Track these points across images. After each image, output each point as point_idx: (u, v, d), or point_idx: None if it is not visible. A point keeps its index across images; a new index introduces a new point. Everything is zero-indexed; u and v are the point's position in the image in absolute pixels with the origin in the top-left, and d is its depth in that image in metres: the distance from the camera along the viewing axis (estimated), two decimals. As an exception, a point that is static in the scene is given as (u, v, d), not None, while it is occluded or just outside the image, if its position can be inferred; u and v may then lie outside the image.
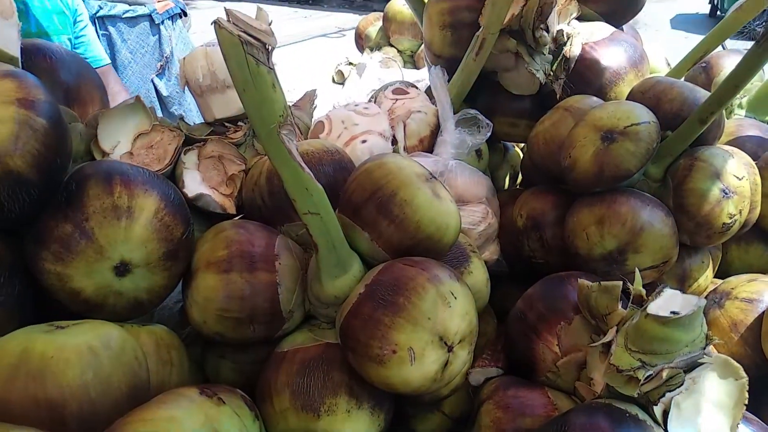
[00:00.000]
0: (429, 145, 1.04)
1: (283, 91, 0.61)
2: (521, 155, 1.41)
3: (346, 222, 0.75)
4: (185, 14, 3.38)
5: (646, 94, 0.93)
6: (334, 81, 2.08)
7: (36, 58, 0.79)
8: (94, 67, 1.45)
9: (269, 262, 0.73)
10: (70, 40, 1.97)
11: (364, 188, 0.75)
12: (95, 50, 2.10)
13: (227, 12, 0.56)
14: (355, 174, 0.78)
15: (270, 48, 0.57)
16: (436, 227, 0.73)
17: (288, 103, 0.65)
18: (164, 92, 3.66)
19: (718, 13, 11.19)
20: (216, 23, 0.55)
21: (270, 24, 0.58)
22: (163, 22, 3.23)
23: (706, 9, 12.39)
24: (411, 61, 2.02)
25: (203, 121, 0.93)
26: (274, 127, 0.61)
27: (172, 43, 3.31)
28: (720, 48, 1.26)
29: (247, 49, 0.56)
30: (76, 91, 0.82)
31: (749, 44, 0.87)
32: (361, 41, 2.11)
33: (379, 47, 2.03)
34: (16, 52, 0.72)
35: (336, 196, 0.79)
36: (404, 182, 0.74)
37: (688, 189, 0.87)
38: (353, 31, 2.13)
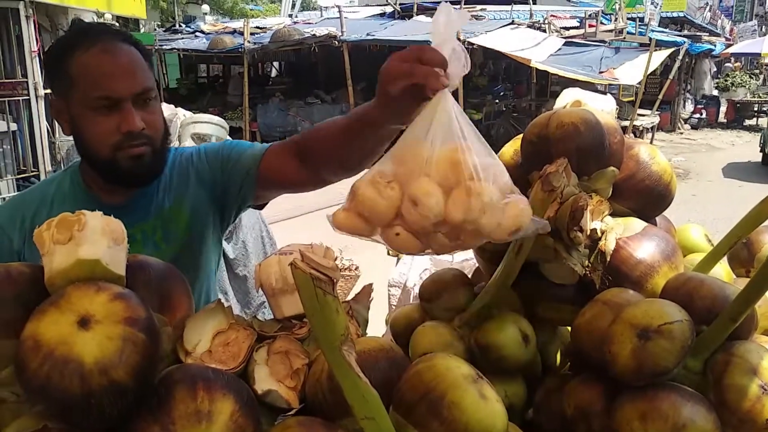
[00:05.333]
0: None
1: (344, 313, 0.71)
2: (570, 331, 1.46)
3: (400, 421, 0.82)
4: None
5: (679, 291, 1.00)
6: (388, 253, 2.22)
7: (138, 272, 0.93)
8: None
9: (330, 461, 0.80)
10: None
11: (416, 389, 0.82)
12: None
13: (301, 253, 0.69)
14: (407, 374, 0.86)
15: (335, 281, 0.69)
16: (482, 429, 0.79)
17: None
18: (231, 255, 3.92)
19: (771, 160, 11.29)
20: (292, 264, 0.68)
21: (335, 259, 0.71)
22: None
23: (757, 157, 12.47)
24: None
25: (273, 318, 1.05)
26: (337, 345, 0.71)
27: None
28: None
29: (316, 284, 0.68)
30: (168, 299, 0.96)
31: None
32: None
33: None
34: (122, 272, 0.86)
35: (390, 392, 0.86)
36: (452, 384, 0.81)
37: (727, 385, 0.90)
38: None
